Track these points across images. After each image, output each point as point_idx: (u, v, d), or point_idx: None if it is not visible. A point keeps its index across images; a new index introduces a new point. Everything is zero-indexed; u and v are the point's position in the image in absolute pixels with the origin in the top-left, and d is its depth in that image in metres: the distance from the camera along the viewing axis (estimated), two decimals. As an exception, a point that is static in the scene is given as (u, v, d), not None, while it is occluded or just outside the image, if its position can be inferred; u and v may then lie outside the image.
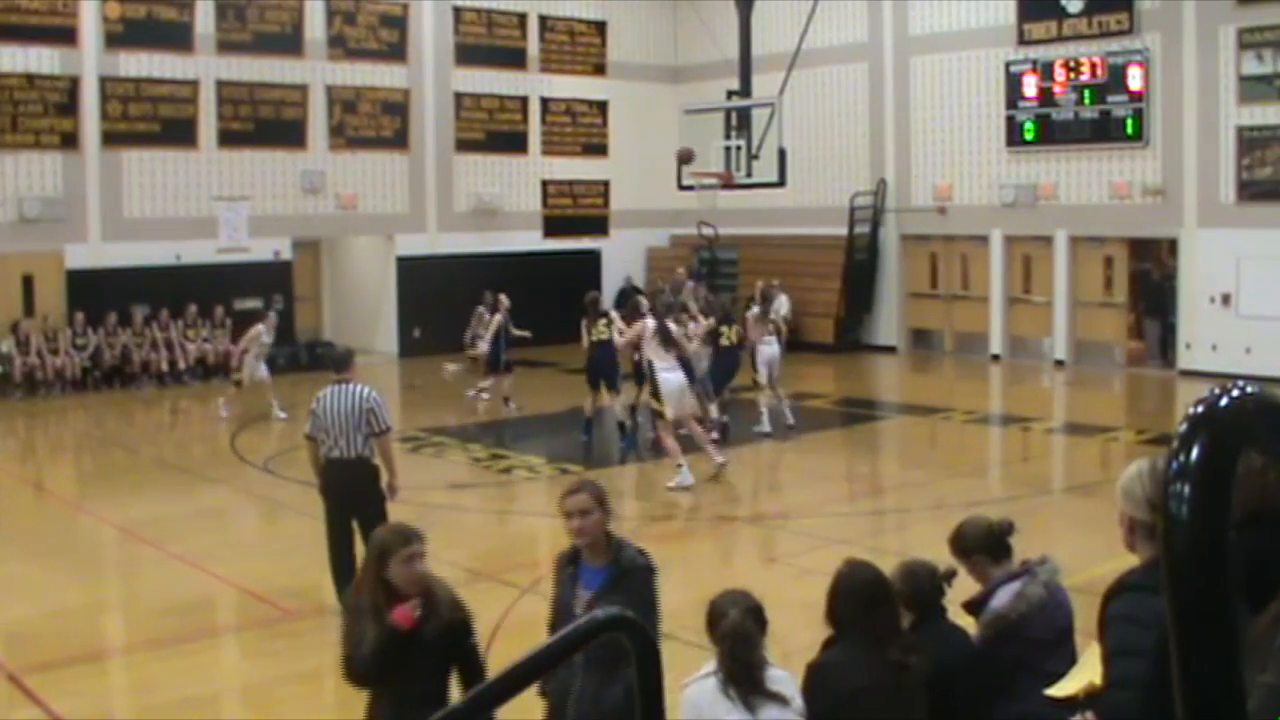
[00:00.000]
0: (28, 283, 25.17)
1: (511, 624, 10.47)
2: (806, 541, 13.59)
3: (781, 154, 22.31)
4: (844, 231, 29.29)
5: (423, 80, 29.59)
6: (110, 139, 25.40)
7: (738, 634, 5.14)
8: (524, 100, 31.30)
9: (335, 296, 31.03)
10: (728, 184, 23.43)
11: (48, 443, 21.68)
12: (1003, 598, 5.89)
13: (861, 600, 5.50)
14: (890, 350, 29.23)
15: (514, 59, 31.08)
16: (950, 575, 6.08)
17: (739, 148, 22.88)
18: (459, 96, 30.17)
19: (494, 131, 30.79)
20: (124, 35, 25.44)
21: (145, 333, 25.60)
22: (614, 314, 19.34)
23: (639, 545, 6.27)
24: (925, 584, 5.93)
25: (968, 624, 6.07)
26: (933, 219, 28.39)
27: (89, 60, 25.11)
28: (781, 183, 22.74)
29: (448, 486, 16.23)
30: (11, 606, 11.49)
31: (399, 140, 29.28)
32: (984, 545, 6.12)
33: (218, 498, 16.08)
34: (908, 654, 5.44)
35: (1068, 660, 5.63)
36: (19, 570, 12.89)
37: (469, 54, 30.26)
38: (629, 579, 5.95)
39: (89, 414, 23.08)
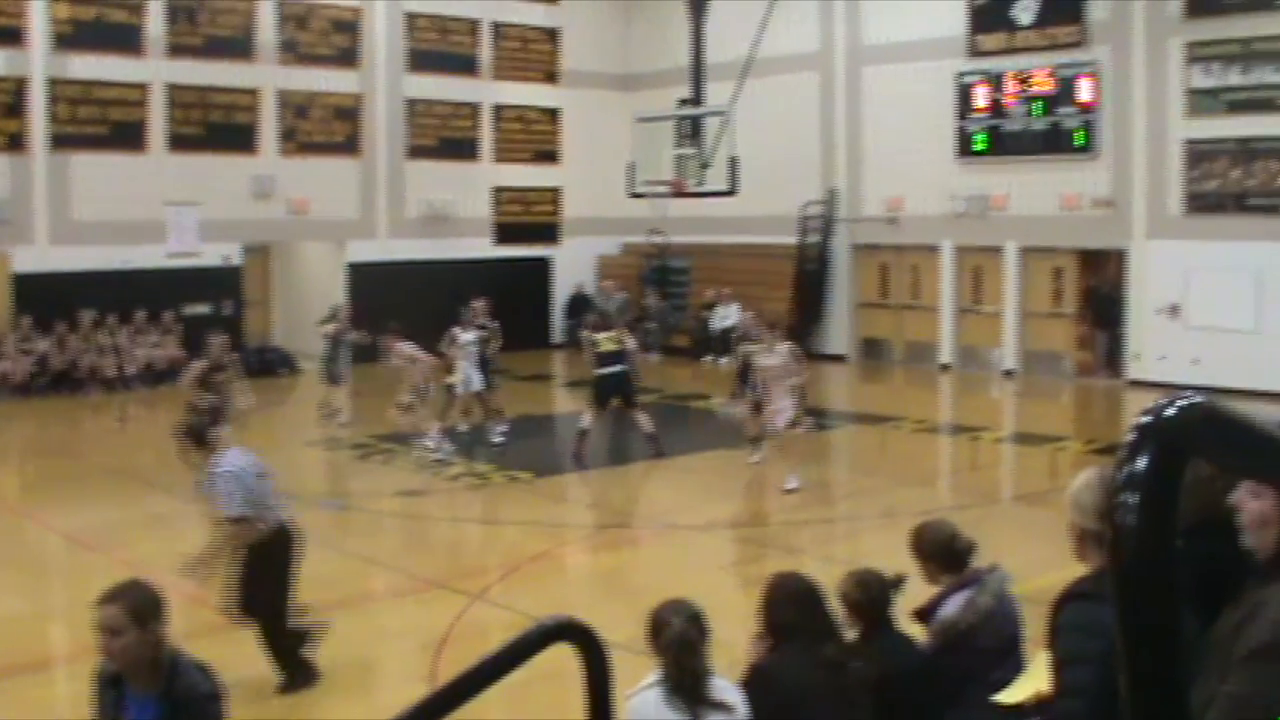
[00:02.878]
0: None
1: (460, 632, 10.42)
2: (754, 550, 13.61)
3: (733, 162, 22.35)
4: (795, 240, 29.34)
5: (375, 86, 29.47)
6: (58, 141, 25.17)
7: (682, 643, 5.14)
8: (476, 107, 31.22)
9: (285, 302, 30.87)
10: (679, 192, 23.46)
11: (11, 446, 21.45)
12: (952, 607, 5.92)
13: (793, 605, 5.57)
14: (840, 359, 29.29)
15: (466, 65, 31.00)
16: (899, 583, 6.10)
17: (691, 156, 22.91)
18: (411, 102, 30.07)
19: (446, 138, 30.70)
20: (73, 36, 25.22)
21: (93, 338, 25.39)
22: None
23: (201, 663, 5.17)
24: (875, 593, 5.96)
25: (917, 632, 6.09)
26: (883, 229, 28.47)
27: (37, 61, 24.89)
28: (733, 191, 22.78)
29: (396, 494, 16.16)
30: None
31: (350, 146, 29.16)
32: (941, 554, 6.15)
33: (166, 504, 15.93)
34: (845, 655, 5.47)
35: (1015, 669, 5.66)
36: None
37: (421, 60, 30.16)
38: (185, 715, 4.88)
39: (35, 420, 22.86)
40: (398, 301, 27.00)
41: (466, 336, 19.21)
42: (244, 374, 19.38)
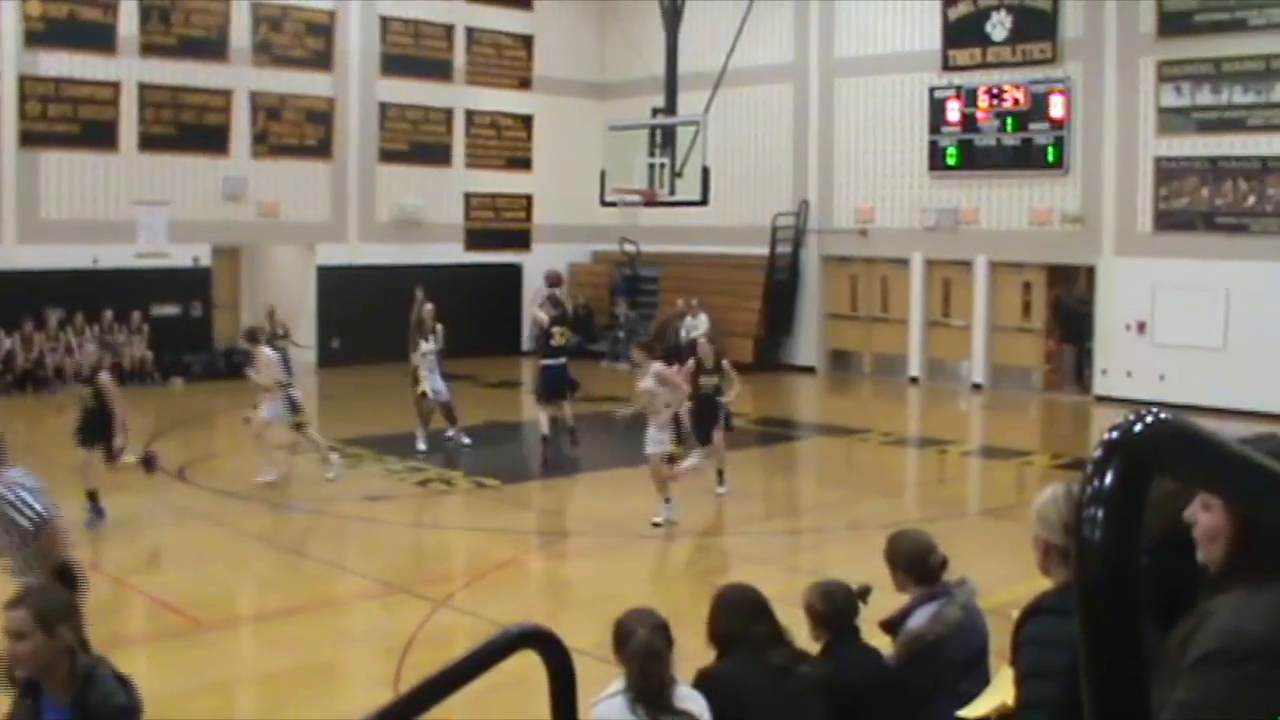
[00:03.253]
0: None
1: (425, 637, 10.39)
2: (721, 559, 13.63)
3: (705, 172, 22.35)
4: (765, 251, 29.40)
5: (348, 89, 29.41)
6: (28, 139, 25.04)
7: (647, 652, 5.13)
8: (449, 112, 31.18)
9: (254, 304, 30.72)
10: (650, 201, 23.45)
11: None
12: (920, 618, 5.93)
13: (739, 613, 5.62)
14: (809, 371, 29.35)
15: (440, 70, 30.97)
16: (864, 594, 6.12)
17: (663, 165, 22.91)
18: (384, 106, 30.02)
19: (418, 143, 30.66)
20: (45, 34, 25.09)
21: (60, 337, 25.26)
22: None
23: (121, 674, 4.92)
24: (840, 604, 5.97)
25: (883, 643, 6.10)
26: (854, 240, 28.56)
27: (7, 58, 24.75)
28: (704, 201, 22.79)
29: (362, 498, 16.11)
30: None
31: (322, 149, 29.08)
32: (914, 565, 6.16)
33: (130, 505, 15.82)
34: (792, 660, 5.49)
35: (981, 681, 5.67)
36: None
37: (395, 64, 30.11)
38: None
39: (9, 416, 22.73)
40: (367, 305, 27.03)
41: (426, 345, 19.15)
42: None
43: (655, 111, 25.42)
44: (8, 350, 24.56)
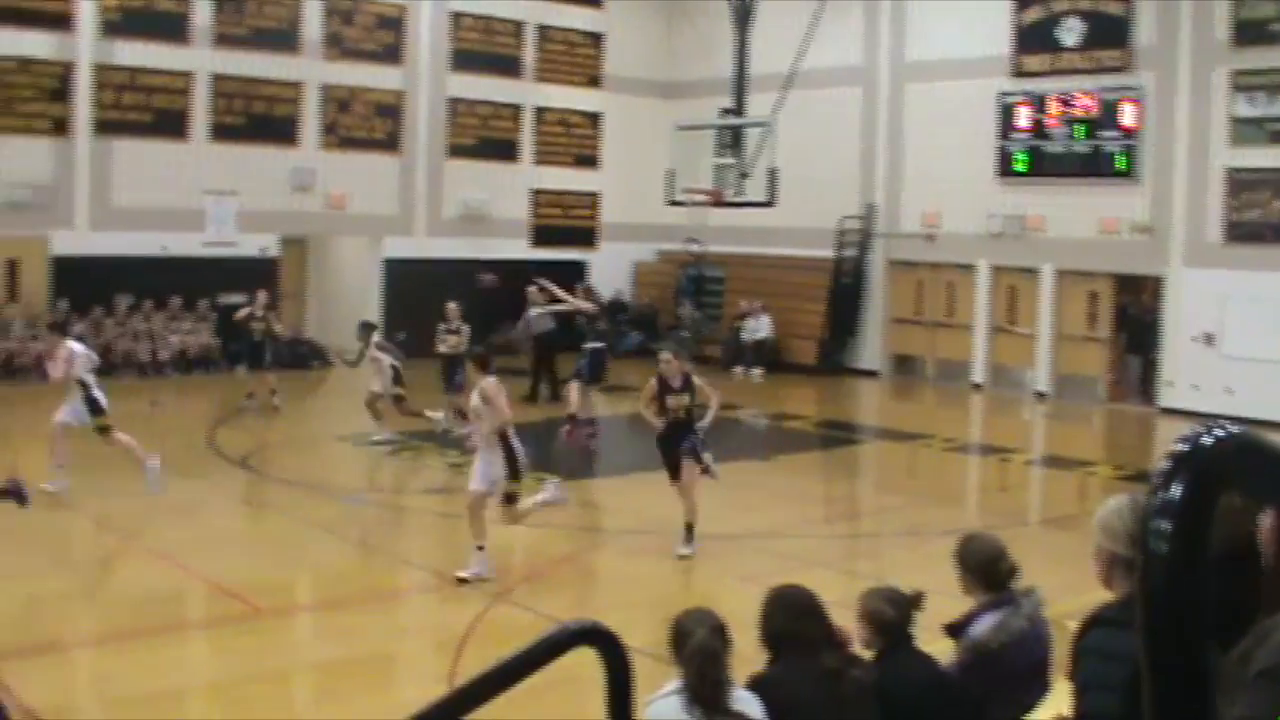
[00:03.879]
0: (12, 268, 25.15)
1: (481, 632, 10.42)
2: (779, 562, 13.58)
3: (773, 174, 22.34)
4: (830, 254, 29.30)
5: (417, 83, 29.54)
6: (102, 127, 25.32)
7: (705, 652, 5.12)
8: (518, 108, 31.25)
9: (320, 295, 30.95)
10: (718, 202, 23.44)
11: (23, 430, 21.53)
12: (984, 626, 5.89)
13: (791, 614, 5.58)
14: (872, 375, 29.23)
15: (509, 67, 31.06)
16: (918, 601, 6.07)
17: (730, 166, 22.89)
18: (453, 101, 30.14)
19: (486, 138, 30.74)
20: (120, 24, 25.35)
21: (128, 322, 25.56)
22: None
23: None
24: (896, 610, 5.92)
25: (945, 647, 6.07)
26: (920, 245, 28.40)
27: (84, 47, 25.04)
28: (771, 203, 22.76)
29: (422, 491, 16.19)
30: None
31: (391, 142, 29.22)
32: (984, 570, 6.12)
33: (193, 492, 15.97)
34: (844, 664, 5.46)
35: (1041, 692, 5.63)
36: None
37: (465, 59, 30.22)
38: None
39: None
40: (431, 299, 27.04)
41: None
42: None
43: (726, 112, 25.40)
44: (78, 334, 24.84)
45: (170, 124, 26.07)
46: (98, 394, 15.43)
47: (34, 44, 24.51)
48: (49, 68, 24.70)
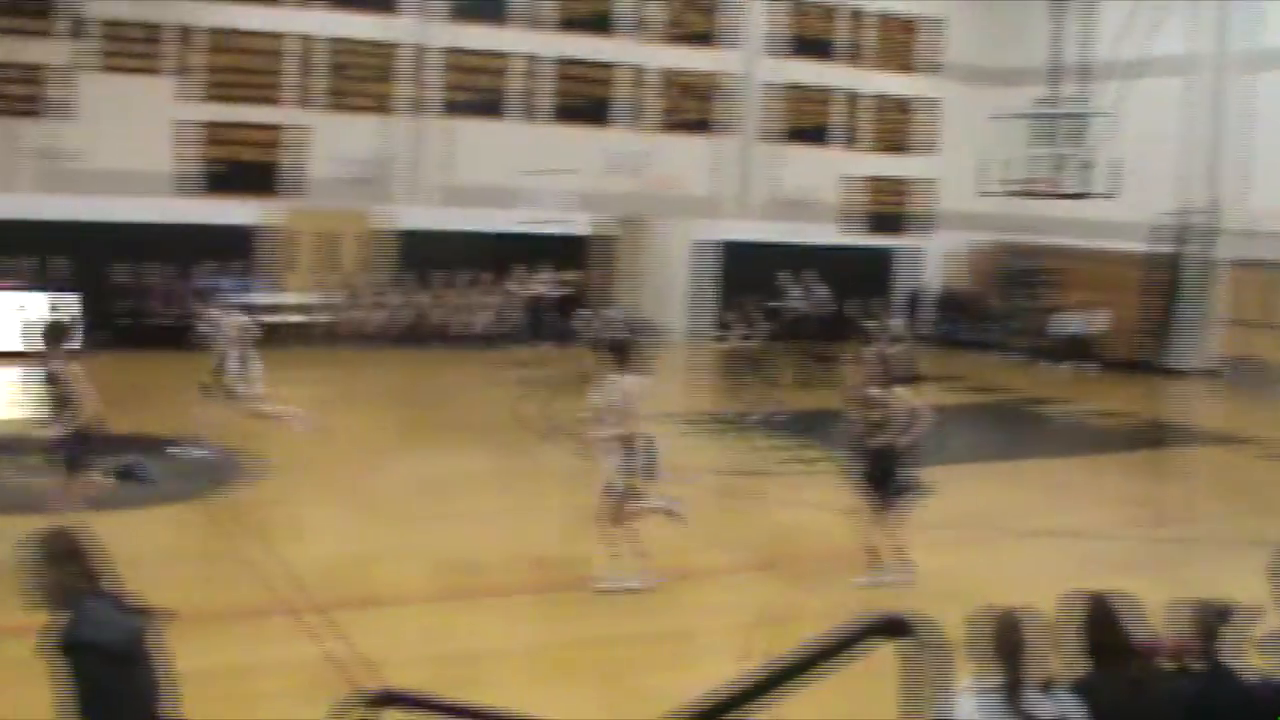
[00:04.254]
0: (349, 242, 26.70)
1: (782, 616, 10.37)
2: (1090, 565, 13.19)
3: (1110, 166, 21.67)
4: (1156, 249, 28.16)
5: (743, 67, 29.94)
6: (447, 108, 26.87)
7: (1013, 650, 5.14)
8: (842, 93, 31.32)
9: (637, 276, 31.36)
10: (1044, 193, 22.91)
11: (363, 393, 22.47)
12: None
13: (1107, 622, 5.61)
14: (1208, 375, 27.89)
15: (834, 51, 31.19)
16: (1227, 615, 5.86)
17: (1065, 156, 22.34)
18: (777, 86, 30.34)
19: (806, 123, 30.86)
20: (466, 7, 26.93)
21: (445, 295, 27.10)
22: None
23: (111, 616, 4.97)
24: (1206, 624, 5.78)
25: (1254, 664, 5.84)
26: (1267, 243, 26.73)
27: (428, 29, 26.51)
28: (1105, 194, 22.06)
29: (725, 472, 16.31)
30: (317, 546, 12.36)
31: (715, 125, 29.70)
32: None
33: (505, 460, 16.41)
34: (1151, 676, 5.51)
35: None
36: (324, 513, 13.83)
37: (791, 44, 30.45)
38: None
39: (391, 369, 24.08)
40: (755, 281, 26.91)
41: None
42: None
43: (1053, 100, 24.74)
44: (396, 305, 26.22)
45: (503, 104, 27.50)
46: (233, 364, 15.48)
47: (385, 27, 26.13)
48: (391, 49, 26.34)
